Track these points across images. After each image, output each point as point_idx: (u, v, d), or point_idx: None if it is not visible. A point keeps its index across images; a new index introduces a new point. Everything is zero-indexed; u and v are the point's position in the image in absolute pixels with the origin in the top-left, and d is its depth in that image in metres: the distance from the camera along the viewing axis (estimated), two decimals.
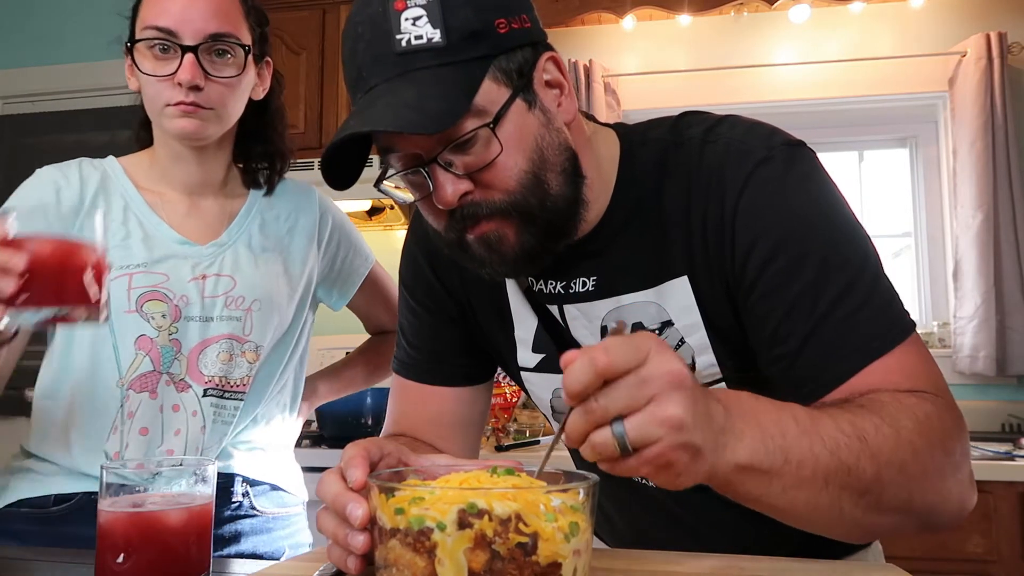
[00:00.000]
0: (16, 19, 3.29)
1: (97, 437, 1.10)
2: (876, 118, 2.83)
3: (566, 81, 0.78)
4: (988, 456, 2.09)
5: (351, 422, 2.24)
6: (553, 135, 0.75)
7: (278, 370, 1.22)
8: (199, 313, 1.12)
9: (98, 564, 0.69)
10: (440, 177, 0.73)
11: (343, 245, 1.32)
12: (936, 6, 2.71)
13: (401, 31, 0.70)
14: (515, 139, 0.72)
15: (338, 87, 2.66)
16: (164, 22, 1.06)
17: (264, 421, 1.22)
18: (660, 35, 2.89)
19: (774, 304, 0.73)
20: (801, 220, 0.74)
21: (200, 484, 0.73)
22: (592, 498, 0.56)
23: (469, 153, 0.72)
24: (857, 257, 0.73)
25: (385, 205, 2.76)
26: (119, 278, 1.09)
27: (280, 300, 1.18)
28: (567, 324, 0.87)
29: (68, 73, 3.18)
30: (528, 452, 2.34)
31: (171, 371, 1.11)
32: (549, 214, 0.75)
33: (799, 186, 0.75)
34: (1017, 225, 2.49)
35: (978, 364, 2.49)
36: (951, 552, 1.96)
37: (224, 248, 1.17)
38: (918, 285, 2.78)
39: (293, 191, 1.28)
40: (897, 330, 0.71)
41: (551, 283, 0.86)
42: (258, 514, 1.18)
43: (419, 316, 0.98)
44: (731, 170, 0.76)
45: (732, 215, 0.75)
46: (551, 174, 0.74)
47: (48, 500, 1.10)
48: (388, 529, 0.55)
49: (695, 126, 0.81)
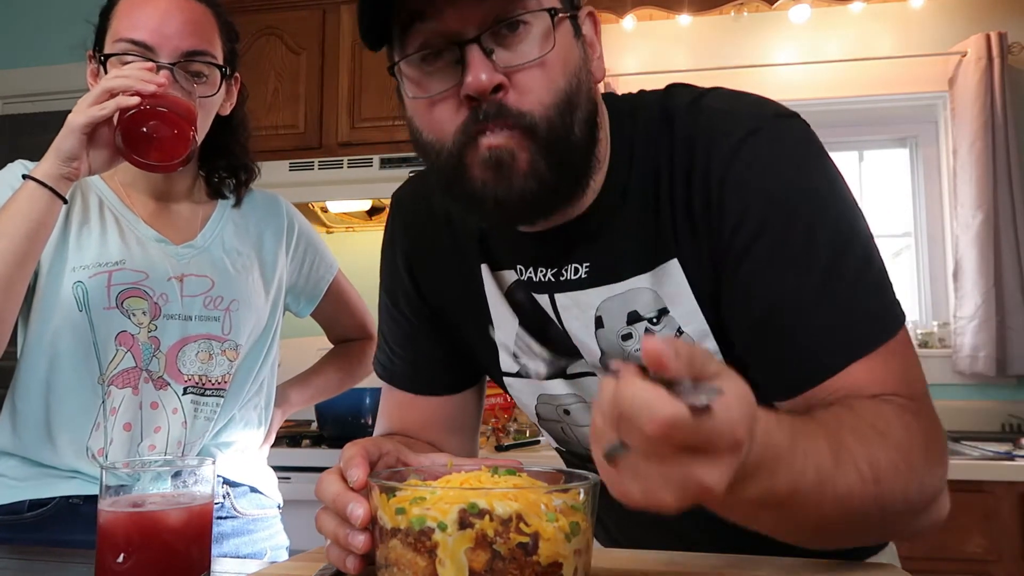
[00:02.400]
0: (16, 19, 3.29)
1: (80, 433, 1.09)
2: (876, 118, 2.83)
3: (599, 45, 0.76)
4: (988, 456, 2.09)
5: (351, 422, 2.24)
6: (587, 78, 0.72)
7: (255, 370, 1.23)
8: (179, 312, 1.13)
9: (98, 564, 0.69)
10: (476, 60, 0.66)
11: (309, 252, 1.34)
12: (936, 6, 2.71)
13: None
14: (561, 53, 0.68)
15: (338, 87, 2.66)
16: (140, 36, 1.04)
17: (242, 422, 1.22)
18: (660, 35, 2.89)
19: (757, 284, 0.69)
20: (788, 197, 0.69)
21: (200, 484, 0.73)
22: (593, 498, 0.56)
23: (517, 47, 0.67)
24: (847, 232, 0.69)
25: (385, 205, 2.76)
26: (98, 275, 1.09)
27: (257, 301, 1.20)
28: (559, 315, 0.81)
29: (68, 73, 3.18)
30: (528, 452, 2.34)
31: (150, 368, 1.11)
32: (567, 152, 0.70)
33: (787, 161, 0.71)
34: (1017, 225, 2.49)
35: (978, 364, 2.49)
36: (951, 552, 1.96)
37: (199, 251, 1.18)
38: (918, 285, 2.78)
39: (261, 200, 1.30)
40: (881, 328, 0.67)
41: (541, 271, 0.81)
42: (239, 516, 1.19)
43: (398, 322, 0.94)
44: (717, 144, 0.71)
45: (719, 188, 0.71)
46: (579, 113, 0.70)
47: (22, 506, 1.09)
48: (389, 529, 0.55)
49: (682, 96, 0.77)
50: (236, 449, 1.22)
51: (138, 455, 1.10)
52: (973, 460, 2.05)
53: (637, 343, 0.78)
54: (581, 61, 0.71)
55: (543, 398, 0.88)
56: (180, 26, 1.06)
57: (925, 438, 0.64)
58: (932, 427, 0.66)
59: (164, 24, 1.05)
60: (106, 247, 1.12)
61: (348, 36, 2.70)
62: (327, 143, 2.66)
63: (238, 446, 1.22)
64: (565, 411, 0.88)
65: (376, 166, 2.58)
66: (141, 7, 1.06)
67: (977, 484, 1.97)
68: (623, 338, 0.78)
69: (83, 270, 1.09)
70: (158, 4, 1.07)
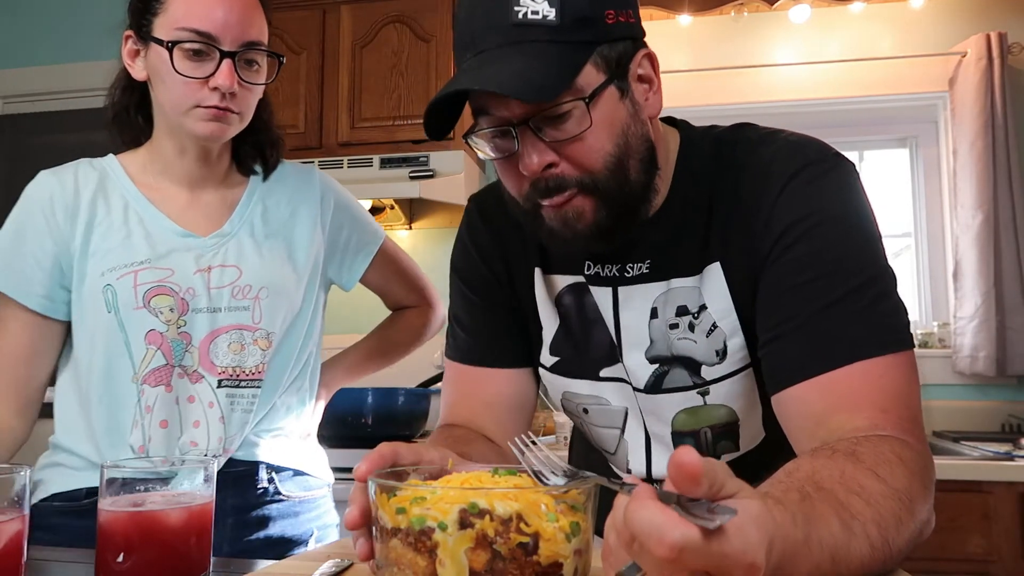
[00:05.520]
0: (16, 18, 3.29)
1: (120, 432, 1.11)
2: (876, 118, 2.83)
3: (657, 78, 0.83)
4: (988, 456, 2.09)
5: (351, 422, 2.24)
6: (638, 126, 0.81)
7: (293, 355, 1.22)
8: (206, 305, 1.13)
9: (98, 564, 0.69)
10: (528, 143, 0.77)
11: (347, 224, 1.32)
12: (936, 6, 2.71)
13: (520, 4, 0.74)
14: (605, 121, 0.77)
15: (338, 87, 2.66)
16: (205, 27, 1.07)
17: (284, 408, 1.22)
18: (660, 35, 2.89)
19: (788, 284, 0.78)
20: (834, 219, 0.78)
21: (201, 483, 0.73)
22: (593, 498, 0.56)
23: (560, 127, 0.76)
24: (874, 267, 0.77)
25: (385, 205, 2.76)
26: (125, 276, 1.11)
27: (287, 285, 1.19)
28: (617, 307, 0.91)
29: (68, 73, 3.18)
30: None
31: (183, 363, 1.12)
32: (626, 197, 0.80)
33: (839, 190, 0.80)
34: (1017, 225, 2.49)
35: (978, 364, 2.49)
36: (951, 552, 1.96)
37: (227, 238, 1.18)
38: (918, 285, 2.78)
39: (293, 175, 1.29)
40: (891, 340, 0.74)
41: (607, 267, 0.91)
42: (284, 498, 1.20)
43: (472, 302, 1.01)
44: (779, 165, 0.81)
45: (773, 202, 0.80)
46: (632, 161, 0.80)
47: (80, 493, 1.11)
48: (389, 529, 0.55)
49: (752, 130, 0.88)
50: (280, 436, 1.22)
51: (179, 452, 1.11)
52: (973, 460, 2.05)
53: (682, 332, 0.88)
54: (630, 117, 0.80)
55: (567, 395, 0.97)
56: (240, 16, 1.09)
57: (921, 473, 0.68)
58: (923, 458, 0.70)
59: (227, 14, 1.08)
60: (131, 248, 1.13)
61: (348, 36, 2.69)
62: (327, 143, 2.66)
63: (282, 432, 1.22)
64: (584, 410, 0.97)
65: (376, 166, 2.58)
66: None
67: (977, 484, 1.97)
68: (670, 327, 0.88)
69: (111, 272, 1.11)
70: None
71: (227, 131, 1.13)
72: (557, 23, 0.74)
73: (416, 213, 2.90)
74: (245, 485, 1.16)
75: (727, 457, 0.93)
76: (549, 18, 0.74)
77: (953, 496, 1.96)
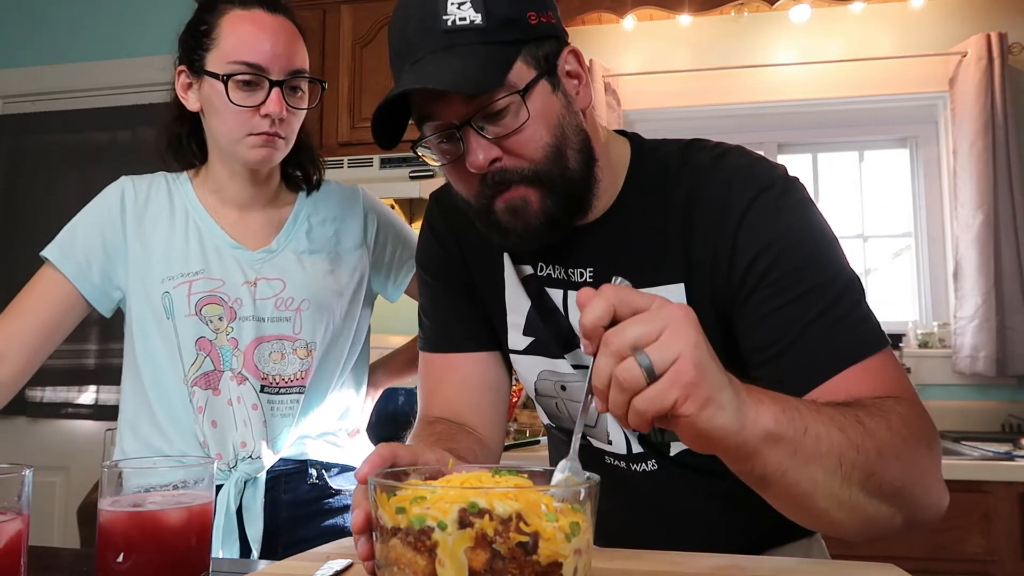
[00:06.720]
0: (16, 18, 3.29)
1: (187, 429, 1.20)
2: (876, 118, 2.83)
3: (584, 73, 0.88)
4: (988, 456, 2.09)
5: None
6: (572, 117, 0.85)
7: (339, 364, 1.29)
8: (252, 314, 1.21)
9: (98, 564, 0.69)
10: (472, 141, 0.81)
11: (391, 240, 1.38)
12: (936, 6, 2.71)
13: (447, 12, 0.80)
14: (541, 114, 0.82)
15: (338, 87, 2.66)
16: (256, 59, 1.15)
17: (331, 411, 1.30)
18: (660, 35, 2.89)
19: (769, 308, 0.81)
20: (797, 241, 0.82)
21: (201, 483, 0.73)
22: (593, 498, 0.56)
23: (500, 122, 0.81)
24: (841, 278, 0.81)
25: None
26: (180, 285, 1.20)
27: (328, 299, 1.26)
28: (567, 311, 0.94)
29: (69, 73, 3.18)
30: (529, 452, 2.34)
31: (232, 367, 1.20)
32: (568, 185, 0.84)
33: (795, 210, 0.84)
34: (1017, 225, 2.49)
35: (978, 364, 2.49)
36: (951, 552, 1.96)
37: (274, 254, 1.26)
38: (918, 285, 2.78)
39: (338, 194, 1.36)
40: (872, 341, 0.79)
41: (557, 268, 0.94)
42: (336, 492, 1.28)
43: (433, 288, 1.05)
44: (736, 194, 0.84)
45: (735, 232, 0.83)
46: (570, 150, 0.84)
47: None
48: (389, 528, 0.55)
49: (704, 151, 0.90)
50: (327, 435, 1.29)
51: (233, 452, 1.20)
52: (973, 460, 2.05)
53: None
54: (564, 108, 0.85)
55: (544, 374, 0.99)
56: (285, 47, 1.17)
57: (921, 422, 0.74)
58: (925, 416, 0.76)
59: (275, 46, 1.16)
60: (188, 257, 1.22)
61: (348, 36, 2.70)
62: (327, 143, 2.66)
63: (329, 431, 1.29)
64: (562, 387, 0.98)
65: (376, 166, 2.58)
66: (250, 29, 1.16)
67: (977, 484, 1.97)
68: None
69: (169, 281, 1.21)
70: (264, 25, 1.17)
71: (275, 156, 1.20)
72: (484, 26, 0.79)
73: (416, 213, 2.90)
74: (297, 482, 1.24)
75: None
76: (476, 22, 0.79)
77: (953, 496, 1.92)
